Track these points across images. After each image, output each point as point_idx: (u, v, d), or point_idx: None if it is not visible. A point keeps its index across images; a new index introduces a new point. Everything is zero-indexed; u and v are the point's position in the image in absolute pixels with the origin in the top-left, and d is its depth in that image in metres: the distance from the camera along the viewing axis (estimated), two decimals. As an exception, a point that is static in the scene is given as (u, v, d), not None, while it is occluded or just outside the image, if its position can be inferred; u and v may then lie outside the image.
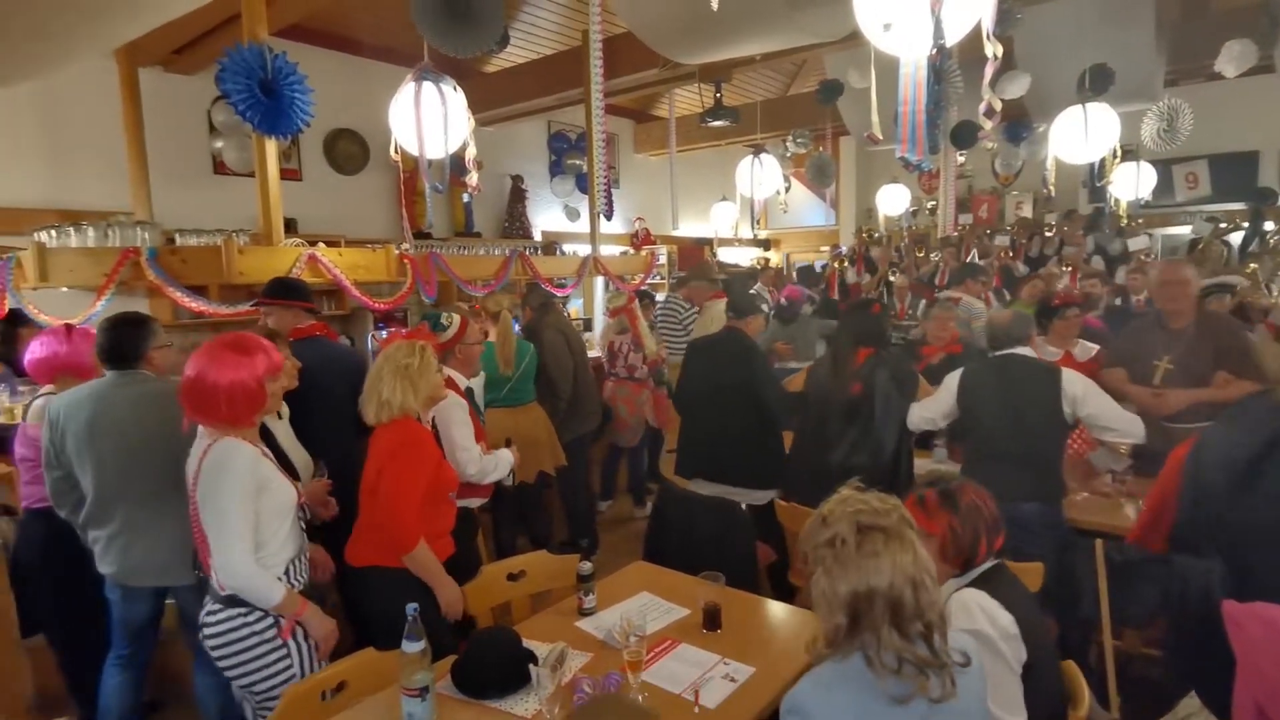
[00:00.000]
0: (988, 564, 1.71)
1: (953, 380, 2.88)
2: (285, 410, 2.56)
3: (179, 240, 3.64)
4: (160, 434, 2.32)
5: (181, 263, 3.35)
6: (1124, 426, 2.64)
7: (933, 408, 2.93)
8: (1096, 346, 3.59)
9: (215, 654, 1.92)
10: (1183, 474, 2.28)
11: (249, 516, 1.88)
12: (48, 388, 2.69)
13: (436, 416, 2.65)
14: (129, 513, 2.37)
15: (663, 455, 5.06)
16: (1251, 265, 6.01)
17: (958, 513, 1.67)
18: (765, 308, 5.81)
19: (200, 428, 2.01)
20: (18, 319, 3.26)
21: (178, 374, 2.00)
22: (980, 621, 1.58)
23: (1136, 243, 7.35)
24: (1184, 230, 8.07)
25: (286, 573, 1.97)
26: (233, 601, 1.90)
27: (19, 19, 1.68)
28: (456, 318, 3.01)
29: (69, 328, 2.71)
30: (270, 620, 1.91)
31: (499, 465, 2.84)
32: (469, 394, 2.98)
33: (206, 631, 1.92)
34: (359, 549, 2.25)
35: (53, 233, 3.36)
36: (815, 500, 1.41)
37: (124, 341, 2.39)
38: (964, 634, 1.45)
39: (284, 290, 3.02)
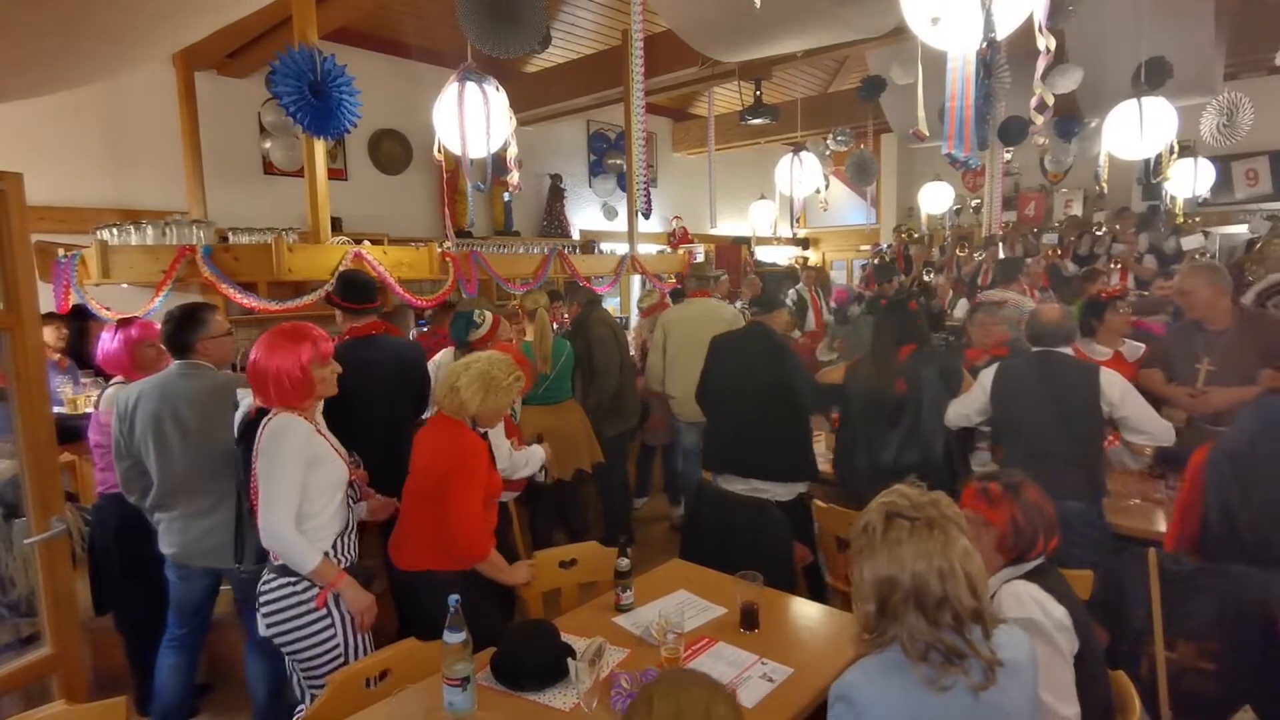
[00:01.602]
0: (1038, 560, 1.71)
1: (986, 377, 2.82)
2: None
3: (231, 238, 3.76)
4: (217, 425, 2.43)
5: (234, 260, 3.47)
6: (1156, 431, 2.60)
7: (967, 404, 2.89)
8: (1143, 346, 3.48)
9: (266, 620, 2.02)
10: (1204, 476, 2.27)
11: (295, 485, 1.97)
12: (118, 378, 2.81)
13: None
14: (190, 498, 2.50)
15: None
16: None
17: (1020, 505, 1.68)
18: (791, 304, 5.75)
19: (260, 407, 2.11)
20: (87, 314, 3.40)
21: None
22: (1032, 610, 1.59)
23: (1190, 242, 7.04)
24: (1242, 229, 7.76)
25: (334, 547, 2.05)
26: (285, 571, 1.99)
27: (89, 22, 1.75)
28: (489, 315, 3.02)
29: (118, 324, 2.83)
30: (316, 590, 2.00)
31: (529, 461, 2.87)
32: None
33: (261, 598, 2.02)
34: (406, 552, 2.28)
35: (114, 231, 3.50)
36: (870, 499, 1.41)
37: (173, 333, 2.52)
38: (1016, 627, 1.43)
39: (337, 288, 3.09)
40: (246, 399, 2.32)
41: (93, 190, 5.14)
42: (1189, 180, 6.08)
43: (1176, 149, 5.22)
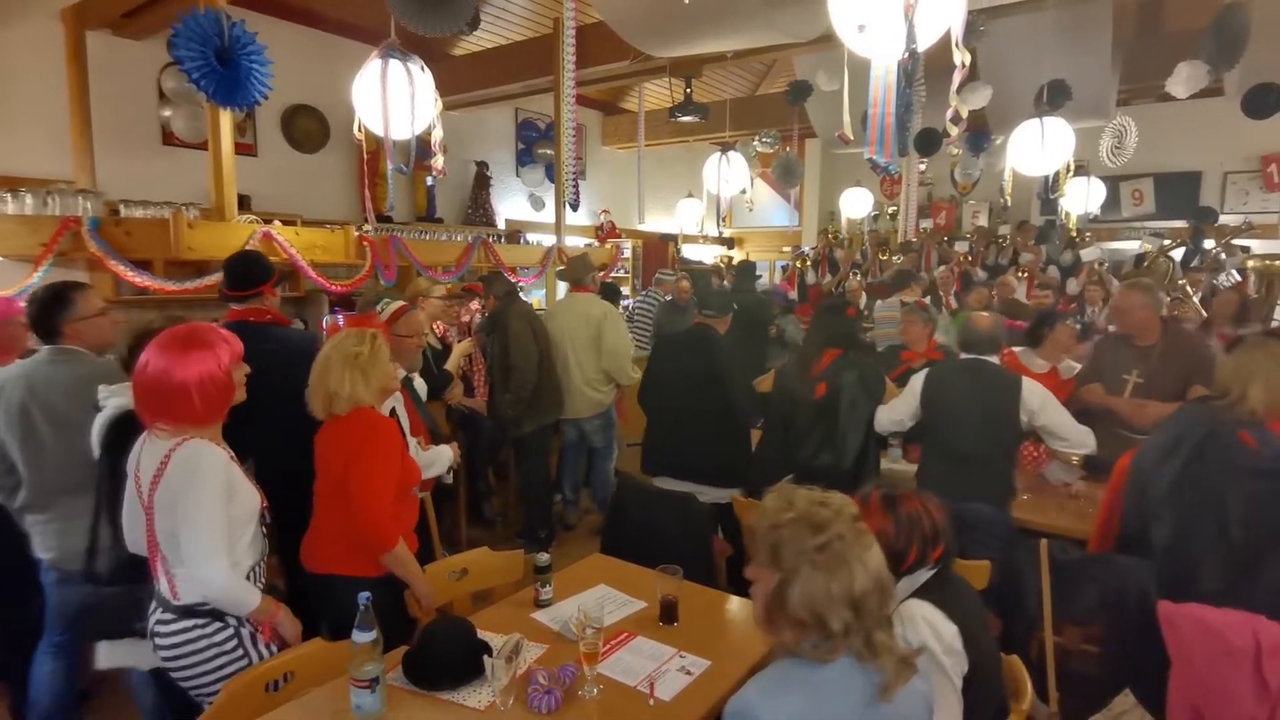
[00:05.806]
0: (931, 570, 1.70)
1: (918, 381, 2.91)
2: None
3: (124, 212, 3.50)
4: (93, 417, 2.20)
5: (125, 235, 3.23)
6: (1076, 438, 2.74)
7: (899, 409, 2.96)
8: (1078, 367, 3.51)
9: (168, 664, 1.82)
10: (1126, 480, 2.38)
11: (222, 523, 1.78)
12: None
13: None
14: (67, 497, 2.26)
15: (621, 449, 5.04)
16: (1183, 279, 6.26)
17: (895, 518, 1.67)
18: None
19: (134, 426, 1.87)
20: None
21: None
22: (925, 633, 1.59)
23: (1088, 254, 7.59)
24: (1129, 245, 8.40)
25: (247, 579, 1.87)
26: (189, 613, 1.79)
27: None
28: (395, 304, 2.87)
29: None
30: (230, 631, 1.82)
31: (436, 461, 2.74)
32: (408, 384, 2.90)
33: (159, 641, 1.81)
34: (319, 554, 2.13)
35: (-13, 198, 3.20)
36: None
37: (37, 316, 2.29)
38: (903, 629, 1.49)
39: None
40: (112, 400, 2.10)
41: (-37, 153, 4.67)
42: (1082, 197, 6.54)
43: (1072, 168, 5.59)
